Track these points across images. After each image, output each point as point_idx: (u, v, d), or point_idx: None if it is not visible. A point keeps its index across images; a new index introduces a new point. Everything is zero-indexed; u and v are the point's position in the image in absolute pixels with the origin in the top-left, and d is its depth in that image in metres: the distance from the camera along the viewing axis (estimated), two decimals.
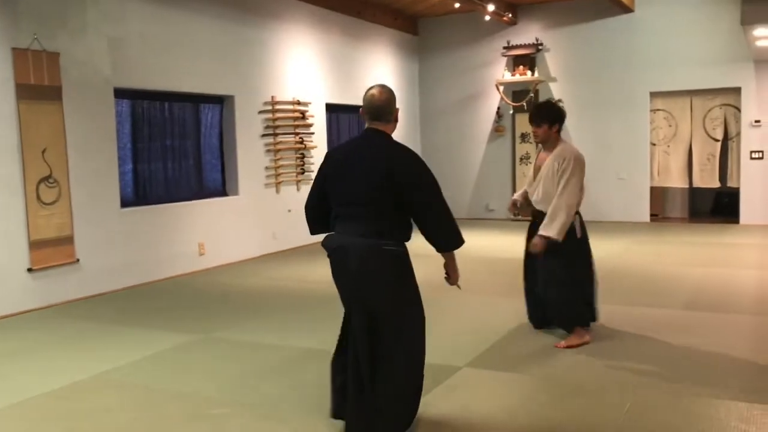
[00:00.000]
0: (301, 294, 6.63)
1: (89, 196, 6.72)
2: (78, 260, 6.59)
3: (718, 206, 12.05)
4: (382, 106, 3.22)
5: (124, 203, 7.21)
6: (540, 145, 4.80)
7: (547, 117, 4.58)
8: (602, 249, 8.41)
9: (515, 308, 5.39)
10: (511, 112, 11.62)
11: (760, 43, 8.04)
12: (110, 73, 6.89)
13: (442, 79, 12.33)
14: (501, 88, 11.55)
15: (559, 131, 4.63)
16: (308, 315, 5.85)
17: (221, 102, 8.48)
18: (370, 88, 3.28)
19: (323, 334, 5.10)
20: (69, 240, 6.49)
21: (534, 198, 4.69)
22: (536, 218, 4.68)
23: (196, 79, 7.94)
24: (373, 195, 3.11)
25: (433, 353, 3.79)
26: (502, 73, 11.65)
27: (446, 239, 3.22)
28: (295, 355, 4.73)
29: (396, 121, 3.30)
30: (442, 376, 4.11)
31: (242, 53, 8.58)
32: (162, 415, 3.73)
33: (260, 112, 8.84)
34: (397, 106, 3.33)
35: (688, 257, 8.01)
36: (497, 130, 11.89)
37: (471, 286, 5.81)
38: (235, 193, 8.55)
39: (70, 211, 6.50)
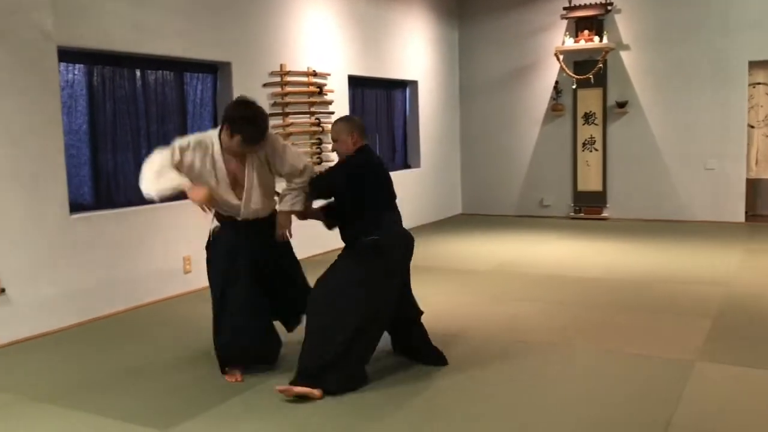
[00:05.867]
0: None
1: (22, 200, 4.79)
2: (3, 290, 4.69)
3: None
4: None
5: (76, 207, 5.30)
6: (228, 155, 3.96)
7: None
8: (710, 268, 6.14)
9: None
10: (574, 86, 9.54)
11: None
12: (52, 26, 4.94)
13: (488, 49, 10.27)
14: (561, 57, 9.48)
15: None
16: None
17: (214, 71, 6.50)
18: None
19: None
20: None
21: (252, 206, 4.02)
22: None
23: (180, 40, 5.95)
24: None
25: None
26: (562, 39, 9.57)
27: None
28: None
29: None
30: None
31: (243, 8, 6.59)
32: None
33: (266, 84, 6.85)
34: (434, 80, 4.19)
35: None
36: (555, 109, 9.83)
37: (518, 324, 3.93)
38: None
39: None
